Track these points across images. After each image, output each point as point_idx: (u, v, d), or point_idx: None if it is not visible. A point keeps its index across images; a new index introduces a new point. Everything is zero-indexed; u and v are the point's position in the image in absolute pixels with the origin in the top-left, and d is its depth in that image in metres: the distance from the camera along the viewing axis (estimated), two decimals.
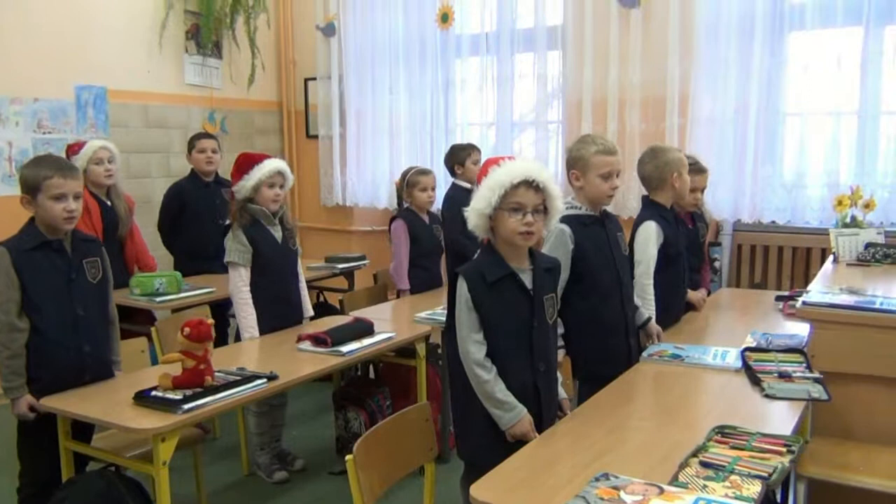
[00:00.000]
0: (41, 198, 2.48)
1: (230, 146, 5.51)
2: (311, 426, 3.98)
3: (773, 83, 4.34)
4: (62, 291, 2.54)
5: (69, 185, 2.50)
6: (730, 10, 4.36)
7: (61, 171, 2.51)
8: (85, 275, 2.61)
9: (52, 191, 2.47)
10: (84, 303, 2.59)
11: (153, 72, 5.10)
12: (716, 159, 4.49)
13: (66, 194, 2.49)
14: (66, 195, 2.49)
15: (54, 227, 2.52)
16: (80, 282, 2.59)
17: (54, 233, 2.54)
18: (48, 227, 2.53)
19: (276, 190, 3.23)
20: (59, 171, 2.51)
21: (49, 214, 2.49)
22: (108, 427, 2.31)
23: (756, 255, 4.69)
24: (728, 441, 1.93)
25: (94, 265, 2.66)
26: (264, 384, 2.48)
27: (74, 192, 2.52)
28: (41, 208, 2.50)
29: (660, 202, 3.12)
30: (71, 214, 2.51)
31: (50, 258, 2.54)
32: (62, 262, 2.56)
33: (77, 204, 2.53)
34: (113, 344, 2.75)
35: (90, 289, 2.63)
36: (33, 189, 2.49)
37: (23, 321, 2.48)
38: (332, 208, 6.02)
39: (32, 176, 2.50)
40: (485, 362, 2.08)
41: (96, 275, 2.66)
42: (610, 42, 4.68)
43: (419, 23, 5.39)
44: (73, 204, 2.50)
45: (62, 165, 2.56)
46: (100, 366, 2.63)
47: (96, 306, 2.66)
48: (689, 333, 3.07)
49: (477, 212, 2.10)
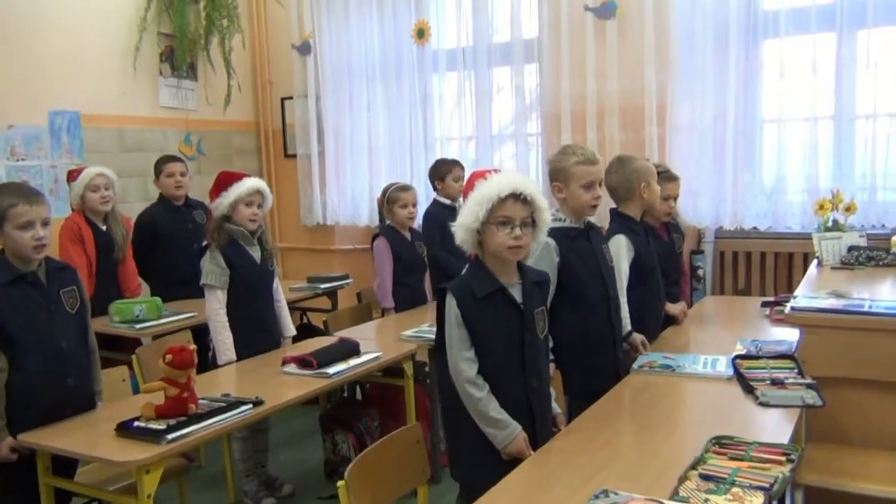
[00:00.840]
0: (7, 228, 2.38)
1: (208, 168, 5.47)
2: (299, 450, 3.91)
3: (749, 90, 4.37)
4: (43, 326, 2.45)
5: (35, 211, 2.40)
6: (704, 18, 4.38)
7: (25, 197, 2.41)
8: (63, 306, 2.52)
9: (17, 219, 2.37)
10: (66, 335, 2.50)
11: (127, 95, 5.03)
12: (695, 167, 4.51)
13: (32, 221, 2.39)
14: (34, 222, 2.39)
15: (25, 257, 2.42)
16: (59, 313, 2.50)
17: (27, 264, 2.44)
18: (19, 258, 2.42)
19: (254, 209, 3.19)
20: (22, 197, 2.40)
21: (17, 245, 2.39)
22: (91, 461, 2.23)
23: (739, 261, 4.70)
24: (726, 452, 1.91)
25: (72, 294, 2.57)
26: (250, 410, 2.42)
27: (42, 218, 2.42)
28: (9, 239, 2.40)
29: (628, 214, 3.07)
30: (40, 242, 2.40)
31: (26, 292, 2.43)
32: (39, 296, 2.46)
33: (46, 231, 2.43)
34: (94, 374, 2.66)
35: (70, 319, 2.54)
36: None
37: (1, 360, 2.38)
38: (313, 228, 5.96)
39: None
40: (477, 380, 2.04)
41: (75, 304, 2.57)
42: (586, 53, 4.69)
43: (395, 39, 5.37)
44: (41, 231, 2.40)
45: (26, 192, 2.45)
46: (83, 398, 2.55)
47: (78, 337, 2.57)
48: (677, 344, 3.05)
49: (464, 227, 2.06)
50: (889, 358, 2.47)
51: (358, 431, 3.37)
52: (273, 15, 5.90)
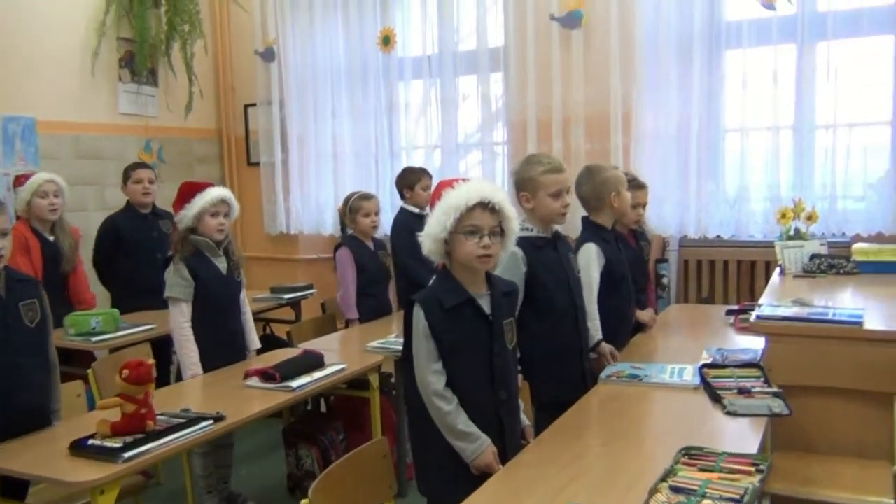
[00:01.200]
0: None
1: (168, 175, 5.35)
2: (261, 465, 3.82)
3: (712, 100, 4.41)
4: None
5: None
6: (668, 29, 4.42)
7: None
8: (22, 319, 2.41)
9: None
10: (22, 350, 2.39)
11: (85, 101, 4.91)
12: (660, 176, 4.53)
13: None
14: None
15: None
16: (16, 327, 2.39)
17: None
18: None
19: (220, 219, 3.11)
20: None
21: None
22: (43, 481, 2.14)
23: (703, 270, 4.73)
24: (696, 463, 1.89)
25: (32, 307, 2.46)
26: (210, 426, 2.35)
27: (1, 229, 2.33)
28: None
29: (599, 223, 3.08)
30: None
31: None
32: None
33: (4, 241, 2.34)
34: (53, 391, 2.55)
35: (28, 334, 2.43)
36: None
37: None
38: (277, 237, 5.87)
39: None
40: (445, 393, 2.00)
41: (34, 318, 2.46)
42: (552, 62, 4.70)
43: (361, 46, 5.33)
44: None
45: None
46: (37, 417, 2.43)
47: (36, 353, 2.46)
48: (644, 353, 3.04)
49: (432, 237, 2.02)
50: (853, 365, 2.49)
51: (322, 445, 3.30)
52: (236, 21, 5.81)
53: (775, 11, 4.13)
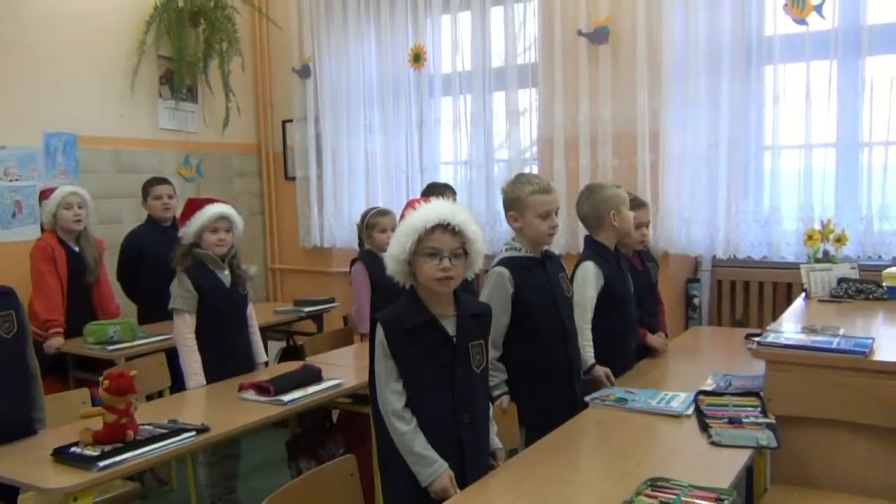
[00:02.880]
0: None
1: (207, 189, 5.49)
2: (272, 476, 3.87)
3: (743, 117, 4.27)
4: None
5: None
6: (697, 44, 4.31)
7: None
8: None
9: None
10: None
11: (126, 117, 5.09)
12: (688, 194, 4.42)
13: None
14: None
15: None
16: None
17: None
18: None
19: (220, 234, 3.18)
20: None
21: None
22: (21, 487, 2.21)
23: (737, 291, 4.58)
24: (657, 495, 1.83)
25: (8, 318, 2.51)
26: (192, 437, 2.39)
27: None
28: None
29: (602, 242, 3.02)
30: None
31: None
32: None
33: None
34: (33, 401, 2.59)
35: (5, 344, 2.48)
36: None
37: None
38: (311, 250, 5.95)
39: None
40: (403, 413, 1.98)
41: (10, 329, 2.51)
42: (580, 78, 4.64)
43: (392, 63, 5.38)
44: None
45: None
46: (16, 426, 2.48)
47: (11, 363, 2.51)
48: (649, 376, 2.97)
49: (393, 258, 2.02)
50: (856, 397, 2.37)
51: (322, 459, 3.31)
52: (274, 39, 5.95)
53: (807, 27, 3.98)
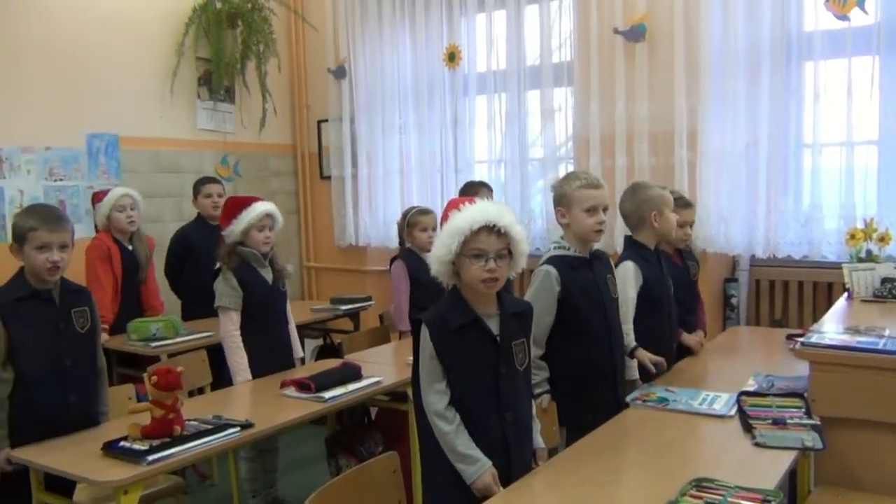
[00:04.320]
0: (27, 248, 2.49)
1: (245, 189, 5.57)
2: (312, 472, 3.91)
3: (783, 115, 4.21)
4: (50, 342, 2.53)
5: (54, 236, 2.49)
6: (736, 41, 4.26)
7: (47, 222, 2.51)
8: (73, 325, 2.60)
9: (36, 241, 2.47)
10: (72, 353, 2.58)
11: (165, 118, 5.18)
12: (727, 193, 4.38)
13: (50, 245, 2.48)
14: (51, 246, 2.48)
15: (40, 277, 2.51)
16: (68, 332, 2.57)
17: (42, 283, 2.53)
18: (35, 277, 2.52)
19: (266, 233, 3.23)
20: (45, 222, 2.50)
21: (33, 264, 2.49)
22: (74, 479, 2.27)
23: (775, 291, 4.53)
24: (702, 496, 1.82)
25: (83, 315, 2.64)
26: (237, 433, 2.43)
27: (60, 242, 2.51)
28: (27, 258, 2.50)
29: (642, 242, 3.01)
30: (55, 265, 2.49)
31: (38, 308, 2.53)
32: (50, 313, 2.55)
33: (63, 254, 2.51)
34: (100, 395, 2.72)
35: (79, 339, 2.61)
36: (20, 239, 2.50)
37: (7, 372, 2.46)
38: (346, 249, 6.00)
39: (19, 226, 2.52)
40: (446, 413, 2.00)
41: (85, 324, 2.64)
42: (616, 77, 4.62)
43: (427, 63, 5.40)
44: (57, 255, 2.49)
45: (50, 217, 2.55)
46: (85, 417, 2.60)
47: (84, 357, 2.64)
48: (689, 375, 2.95)
49: (438, 259, 2.04)
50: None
51: (361, 455, 3.34)
52: (310, 40, 6.01)
53: (849, 22, 3.92)
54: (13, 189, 4.38)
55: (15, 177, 4.38)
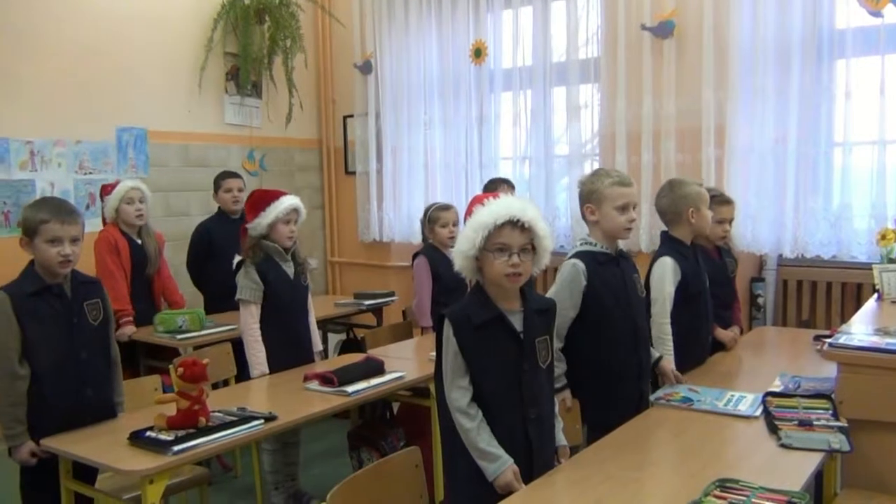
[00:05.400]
0: (37, 241, 2.47)
1: (270, 183, 5.60)
2: (333, 465, 3.93)
3: (813, 112, 4.15)
4: (63, 336, 2.53)
5: (66, 229, 2.47)
6: (766, 37, 4.21)
7: (59, 215, 2.49)
8: (86, 317, 2.60)
9: (47, 234, 2.45)
10: (86, 346, 2.58)
11: (193, 112, 5.23)
12: (755, 191, 4.33)
13: (61, 238, 2.46)
14: (62, 239, 2.46)
15: (51, 270, 2.50)
16: (81, 325, 2.57)
17: (53, 276, 2.52)
18: (46, 270, 2.51)
19: (292, 226, 3.25)
20: (56, 215, 2.48)
21: (44, 257, 2.47)
22: (101, 468, 2.30)
23: (803, 291, 4.47)
24: (726, 496, 1.80)
25: (95, 307, 2.63)
26: (260, 425, 2.45)
27: (71, 236, 2.49)
28: (38, 251, 2.48)
29: (678, 238, 3.00)
30: (66, 258, 2.48)
31: (50, 303, 2.52)
32: (62, 307, 2.54)
33: (74, 248, 2.50)
34: (115, 385, 2.72)
35: (92, 331, 2.61)
36: (31, 232, 2.48)
37: (23, 367, 2.46)
38: (370, 244, 6.03)
39: (30, 219, 2.49)
40: (468, 409, 1.99)
41: (97, 316, 2.64)
42: (643, 73, 4.58)
43: (453, 58, 5.40)
44: (68, 248, 2.48)
45: (61, 209, 2.52)
46: (101, 408, 2.61)
47: (98, 348, 2.64)
48: (716, 374, 2.93)
49: (462, 254, 2.03)
50: None
51: (383, 450, 3.36)
52: (337, 35, 6.03)
53: (882, 19, 3.86)
54: (44, 181, 4.45)
55: (46, 169, 4.45)
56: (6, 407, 2.45)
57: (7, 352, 2.44)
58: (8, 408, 2.45)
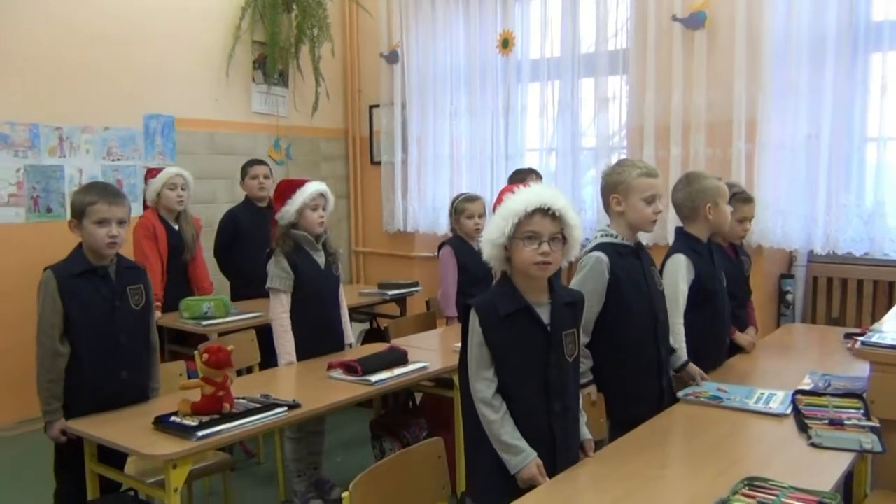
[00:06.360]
0: (86, 222, 2.54)
1: (296, 172, 5.63)
2: (356, 454, 3.94)
3: (847, 107, 4.07)
4: (105, 318, 2.58)
5: (113, 210, 2.54)
6: (800, 30, 4.13)
7: (106, 197, 2.56)
8: (129, 302, 2.65)
9: (95, 216, 2.52)
10: (126, 330, 2.63)
11: (220, 101, 5.25)
12: (785, 187, 4.26)
13: (109, 220, 2.53)
14: (110, 220, 2.53)
15: (98, 252, 2.57)
16: (123, 309, 2.62)
17: (100, 259, 2.59)
18: (93, 252, 2.58)
19: (320, 212, 3.24)
20: (104, 196, 2.56)
21: (92, 238, 2.54)
22: (126, 451, 2.32)
23: (833, 288, 4.40)
24: (755, 495, 1.77)
25: (138, 292, 2.69)
26: (284, 413, 2.45)
27: (118, 217, 2.56)
28: (86, 232, 2.55)
29: (693, 234, 2.92)
30: (113, 240, 2.55)
31: (95, 285, 2.58)
32: (106, 289, 2.60)
33: (120, 229, 2.57)
34: (152, 371, 2.77)
35: (133, 316, 2.66)
36: (79, 214, 2.55)
37: (64, 346, 2.52)
38: (394, 234, 6.02)
39: (79, 201, 2.57)
40: (493, 401, 1.97)
41: (140, 301, 2.69)
42: (673, 65, 4.52)
43: (480, 48, 5.36)
44: (115, 229, 2.54)
45: (108, 192, 2.60)
46: (137, 392, 2.65)
47: (138, 333, 2.69)
48: (741, 372, 2.88)
49: (491, 242, 2.00)
50: None
51: (405, 440, 3.36)
52: (364, 25, 6.02)
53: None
54: (73, 168, 4.49)
55: (75, 156, 4.50)
56: (46, 383, 2.52)
57: (51, 329, 2.50)
58: (47, 384, 2.51)
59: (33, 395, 2.55)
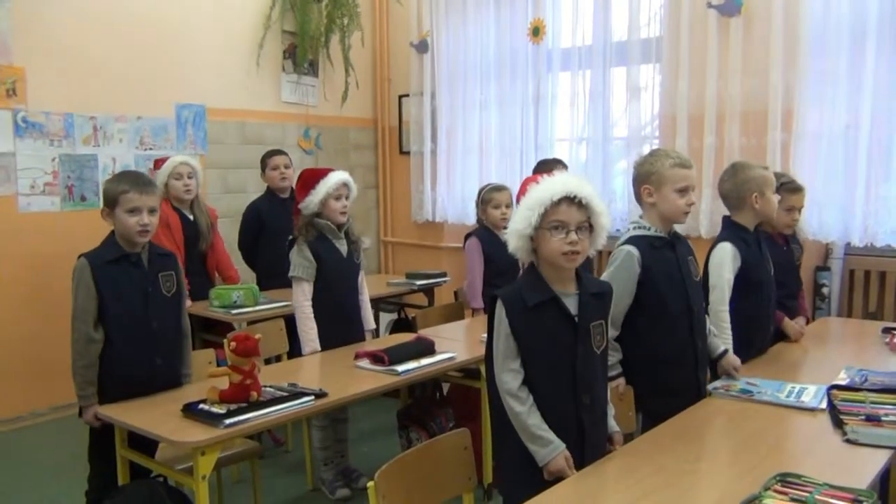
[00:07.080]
0: (118, 211, 2.59)
1: (325, 161, 5.64)
2: (383, 443, 3.95)
3: (888, 96, 3.96)
4: (138, 304, 2.62)
5: (144, 199, 2.59)
6: (840, 16, 4.02)
7: (137, 186, 2.61)
8: (160, 288, 2.69)
9: (127, 204, 2.57)
10: (159, 316, 2.67)
11: (250, 90, 5.27)
12: (822, 177, 4.17)
13: (140, 208, 2.57)
14: (141, 209, 2.58)
15: (130, 240, 2.61)
16: (155, 295, 2.66)
17: (132, 246, 2.63)
18: (126, 240, 2.62)
19: (343, 201, 3.25)
20: (135, 186, 2.60)
21: (124, 227, 2.59)
22: (154, 438, 2.34)
23: (871, 282, 4.30)
24: (788, 492, 1.73)
25: (170, 279, 2.73)
26: (311, 401, 2.45)
27: (149, 206, 2.61)
28: (118, 221, 2.60)
29: (740, 223, 2.89)
30: (145, 228, 2.59)
31: (127, 271, 2.63)
32: (139, 276, 2.64)
33: (151, 218, 2.61)
34: (184, 357, 2.80)
35: (165, 302, 2.70)
36: (111, 202, 2.60)
37: (98, 332, 2.57)
38: (423, 224, 6.01)
39: (111, 190, 2.62)
40: (519, 393, 1.95)
41: (171, 288, 2.73)
42: (708, 53, 4.43)
43: (511, 37, 5.31)
44: (146, 218, 2.59)
45: (139, 181, 2.65)
46: (170, 378, 2.69)
47: (170, 319, 2.73)
48: (777, 365, 2.83)
49: (517, 233, 1.98)
50: None
51: (431, 430, 3.35)
52: (394, 14, 5.99)
53: None
54: (106, 157, 4.54)
55: (108, 145, 4.55)
56: (81, 368, 2.57)
57: (85, 315, 2.55)
58: (82, 369, 2.56)
59: (70, 381, 2.59)
